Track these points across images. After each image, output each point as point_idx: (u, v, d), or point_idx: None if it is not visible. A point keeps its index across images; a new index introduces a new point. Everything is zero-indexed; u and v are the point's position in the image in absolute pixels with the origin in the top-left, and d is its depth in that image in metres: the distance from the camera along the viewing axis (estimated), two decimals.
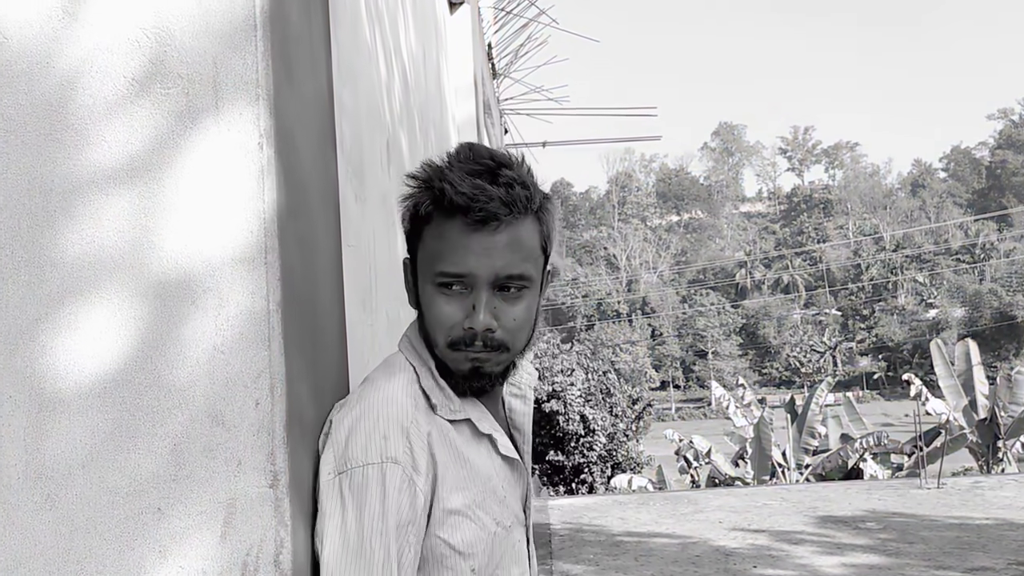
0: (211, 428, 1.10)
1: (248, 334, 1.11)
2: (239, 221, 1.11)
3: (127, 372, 1.10)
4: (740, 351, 68.70)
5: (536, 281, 1.25)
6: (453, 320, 1.20)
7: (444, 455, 1.22)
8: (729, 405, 18.98)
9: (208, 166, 1.11)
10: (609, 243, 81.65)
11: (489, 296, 1.20)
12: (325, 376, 1.32)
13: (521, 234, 1.20)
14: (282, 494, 1.10)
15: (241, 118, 1.12)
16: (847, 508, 8.60)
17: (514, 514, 1.32)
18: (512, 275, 1.20)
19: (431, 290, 1.22)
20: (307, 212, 1.27)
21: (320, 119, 1.38)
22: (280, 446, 1.10)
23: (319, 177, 1.36)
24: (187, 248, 1.11)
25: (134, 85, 1.12)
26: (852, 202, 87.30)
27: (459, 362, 1.22)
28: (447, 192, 1.17)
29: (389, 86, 2.90)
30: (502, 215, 1.17)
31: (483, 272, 1.18)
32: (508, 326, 1.21)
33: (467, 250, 1.18)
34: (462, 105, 5.75)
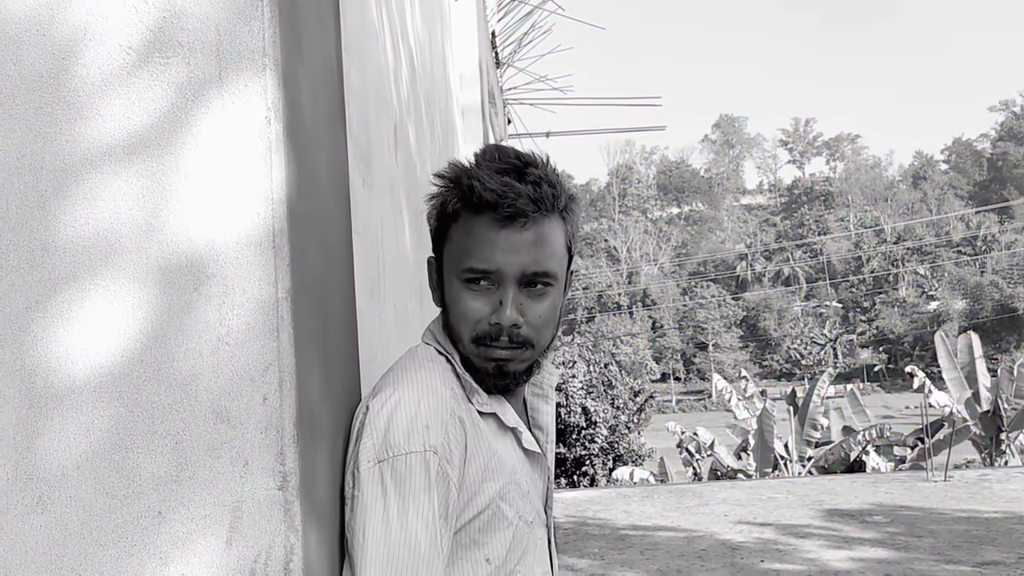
0: (215, 425, 1.02)
1: (255, 324, 1.02)
2: (245, 202, 1.03)
3: (125, 365, 1.02)
4: (741, 343, 68.66)
5: (561, 279, 1.26)
6: (479, 315, 1.21)
7: (473, 445, 1.20)
8: (731, 397, 18.91)
9: (211, 142, 1.03)
10: (610, 235, 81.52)
11: (516, 292, 1.21)
12: (337, 370, 1.24)
13: (548, 232, 1.22)
14: (292, 496, 1.02)
15: (247, 90, 1.03)
16: (853, 501, 8.53)
17: (536, 510, 1.30)
18: (539, 272, 1.21)
19: (458, 286, 1.22)
20: (317, 193, 1.19)
21: (330, 93, 1.30)
22: (290, 445, 1.02)
23: (329, 156, 1.27)
24: (189, 231, 1.02)
25: (131, 54, 1.03)
26: (853, 194, 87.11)
27: (483, 359, 1.23)
28: (476, 189, 1.18)
29: (396, 70, 2.82)
30: (530, 212, 1.19)
31: (510, 269, 1.20)
32: (534, 323, 1.22)
33: (495, 247, 1.19)
34: (467, 93, 5.66)
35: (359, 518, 1.13)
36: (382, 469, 1.13)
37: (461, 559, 1.20)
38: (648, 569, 6.42)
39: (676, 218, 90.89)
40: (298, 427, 1.03)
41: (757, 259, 76.93)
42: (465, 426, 1.19)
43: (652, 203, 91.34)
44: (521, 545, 1.25)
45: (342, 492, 1.18)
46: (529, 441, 1.30)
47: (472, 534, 1.21)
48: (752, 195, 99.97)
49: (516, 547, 1.24)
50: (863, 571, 6.12)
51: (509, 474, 1.24)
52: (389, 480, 1.13)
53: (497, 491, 1.22)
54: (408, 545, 1.11)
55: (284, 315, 1.03)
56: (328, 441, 1.15)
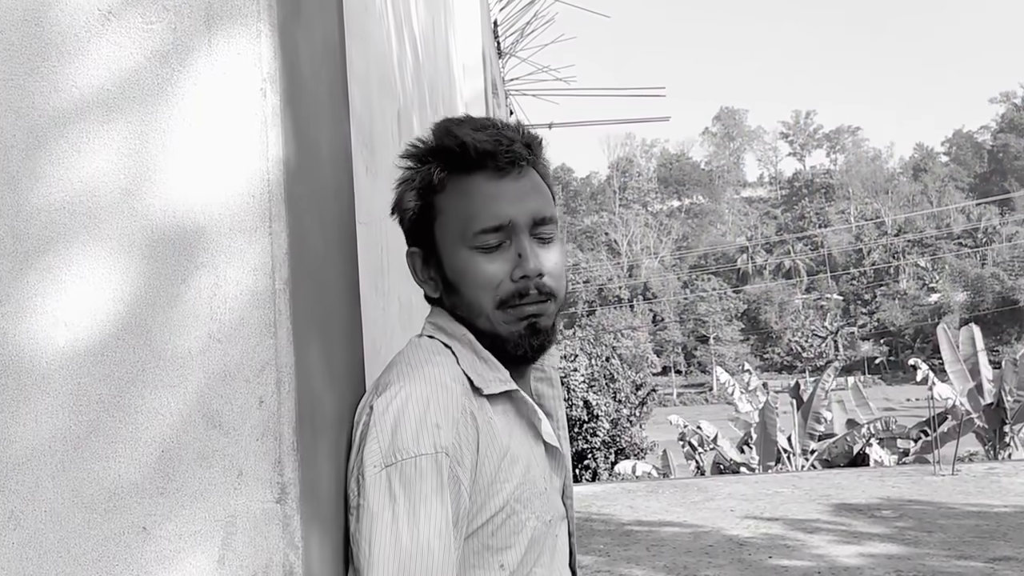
0: (206, 431, 0.92)
1: (250, 319, 0.92)
2: (238, 183, 0.93)
3: (105, 365, 0.92)
4: (742, 336, 68.59)
5: (558, 228, 1.23)
6: (499, 277, 1.14)
7: (485, 444, 1.11)
8: (734, 391, 18.81)
9: (200, 117, 0.93)
10: (610, 228, 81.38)
11: (530, 243, 1.16)
12: (341, 369, 1.14)
13: (539, 178, 1.20)
14: (291, 510, 0.92)
15: (240, 59, 0.93)
16: (861, 496, 8.44)
17: (555, 507, 1.21)
18: (546, 217, 1.17)
19: (466, 256, 1.15)
20: (318, 175, 1.09)
21: (332, 67, 1.19)
22: (289, 452, 0.92)
23: (332, 136, 1.17)
24: (176, 216, 0.92)
25: (110, 19, 0.93)
26: (854, 187, 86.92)
27: (514, 322, 1.15)
28: (469, 144, 1.14)
29: (400, 55, 2.71)
30: (526, 156, 1.16)
31: (521, 217, 1.15)
32: (553, 272, 1.17)
33: (501, 199, 1.14)
34: (470, 83, 5.55)
35: (365, 529, 1.03)
36: (390, 474, 1.04)
37: (473, 566, 1.11)
38: (655, 566, 6.34)
39: (677, 211, 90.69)
40: (298, 433, 0.93)
41: (758, 252, 76.79)
42: (478, 423, 1.10)
43: (652, 196, 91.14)
44: (538, 546, 1.16)
45: (347, 502, 1.09)
46: (548, 433, 1.22)
47: (485, 539, 1.11)
48: (753, 188, 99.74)
49: (533, 549, 1.15)
50: (873, 567, 6.03)
51: (523, 472, 1.15)
52: (398, 486, 1.03)
53: (511, 492, 1.12)
54: (420, 556, 1.02)
55: (282, 308, 0.93)
56: (332, 447, 1.05)
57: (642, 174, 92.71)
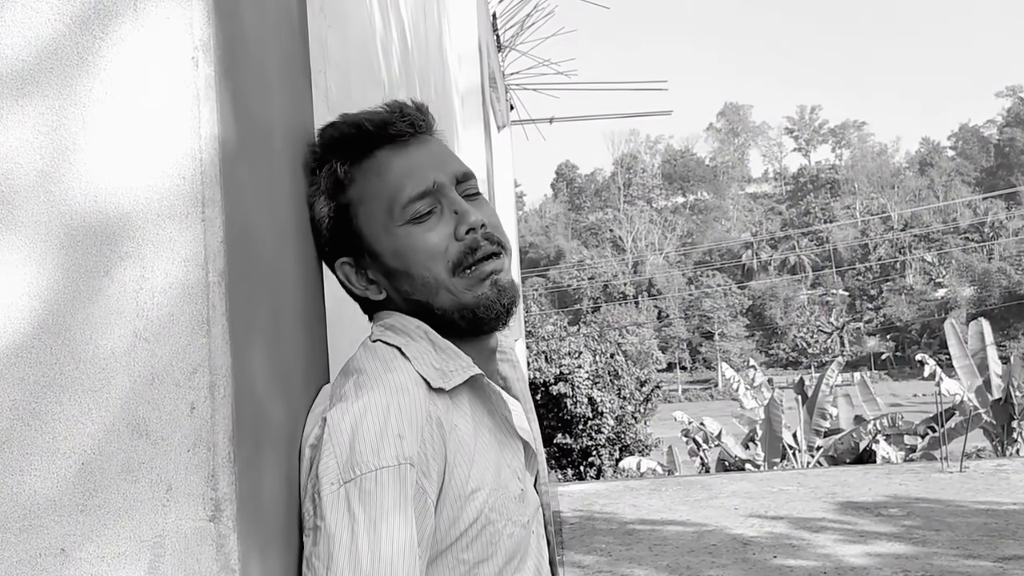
0: (131, 441, 0.82)
1: (180, 315, 0.83)
2: (167, 163, 0.83)
3: (19, 368, 0.82)
4: (747, 332, 68.42)
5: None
6: (444, 241, 1.07)
7: (454, 451, 1.02)
8: (739, 387, 18.69)
9: (125, 89, 0.83)
10: (615, 225, 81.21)
11: (461, 198, 1.10)
12: (294, 370, 1.04)
13: (446, 145, 1.16)
14: (227, 529, 0.82)
15: (168, 24, 0.83)
16: (867, 493, 8.33)
17: (531, 504, 1.12)
18: (466, 172, 1.13)
19: (403, 233, 1.07)
20: (269, 157, 0.99)
21: (288, 39, 1.09)
22: (224, 465, 0.82)
23: (287, 115, 1.07)
24: (98, 200, 0.82)
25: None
26: (859, 182, 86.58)
27: (476, 285, 1.08)
28: (362, 122, 1.09)
29: (386, 42, 2.61)
30: (423, 120, 1.13)
31: (444, 176, 1.09)
32: (492, 222, 1.12)
33: (417, 165, 1.09)
34: (466, 75, 5.44)
35: (322, 551, 0.93)
36: (348, 491, 0.94)
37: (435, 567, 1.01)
38: (657, 565, 6.24)
39: (681, 207, 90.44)
40: (236, 443, 0.83)
41: (763, 248, 76.55)
42: (444, 430, 1.00)
43: (657, 192, 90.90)
44: (519, 552, 1.07)
45: (301, 523, 0.99)
46: (523, 428, 1.14)
47: (458, 554, 1.01)
48: (757, 183, 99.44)
49: (513, 557, 1.06)
50: (880, 567, 5.92)
51: (495, 477, 1.05)
52: (357, 503, 0.93)
53: (484, 501, 1.03)
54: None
55: (216, 303, 0.83)
56: (281, 459, 0.95)
57: (646, 170, 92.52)
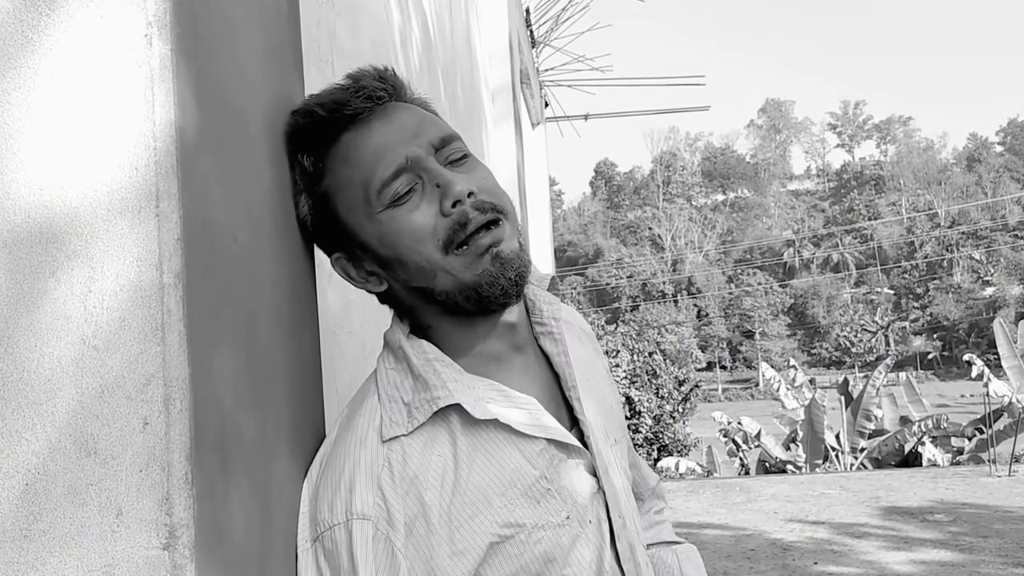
0: (79, 460, 0.74)
1: (132, 321, 0.75)
2: (118, 153, 0.75)
3: None
4: (788, 331, 67.52)
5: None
6: (431, 219, 0.96)
7: (437, 485, 0.92)
8: (779, 387, 18.38)
9: (72, 72, 0.75)
10: (654, 223, 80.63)
11: (443, 167, 0.98)
12: (276, 380, 0.96)
13: (419, 112, 1.03)
14: (183, 558, 0.74)
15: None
16: (912, 498, 8.10)
17: (576, 499, 0.99)
18: (445, 136, 1.00)
19: (386, 218, 0.97)
20: (240, 144, 0.90)
21: (268, 17, 1.01)
22: (180, 487, 0.74)
23: (266, 101, 0.99)
24: (42, 193, 0.75)
25: None
26: (905, 178, 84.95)
27: (474, 262, 0.96)
28: (314, 108, 0.99)
29: (404, 32, 2.53)
30: (383, 88, 1.01)
31: (418, 147, 0.97)
32: (485, 187, 0.99)
33: (385, 143, 0.97)
34: (496, 72, 5.35)
35: None
36: (316, 550, 0.92)
37: None
38: None
39: (721, 205, 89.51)
40: (194, 462, 0.75)
41: (805, 245, 75.42)
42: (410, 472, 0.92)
43: (697, 190, 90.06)
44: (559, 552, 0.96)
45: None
46: (541, 420, 0.99)
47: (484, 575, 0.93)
48: (800, 180, 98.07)
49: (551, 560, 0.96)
50: (924, 575, 5.73)
51: (499, 496, 0.94)
52: (323, 562, 0.92)
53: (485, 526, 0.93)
54: None
55: (172, 308, 0.75)
56: (254, 480, 0.87)
57: (686, 168, 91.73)
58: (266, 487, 0.91)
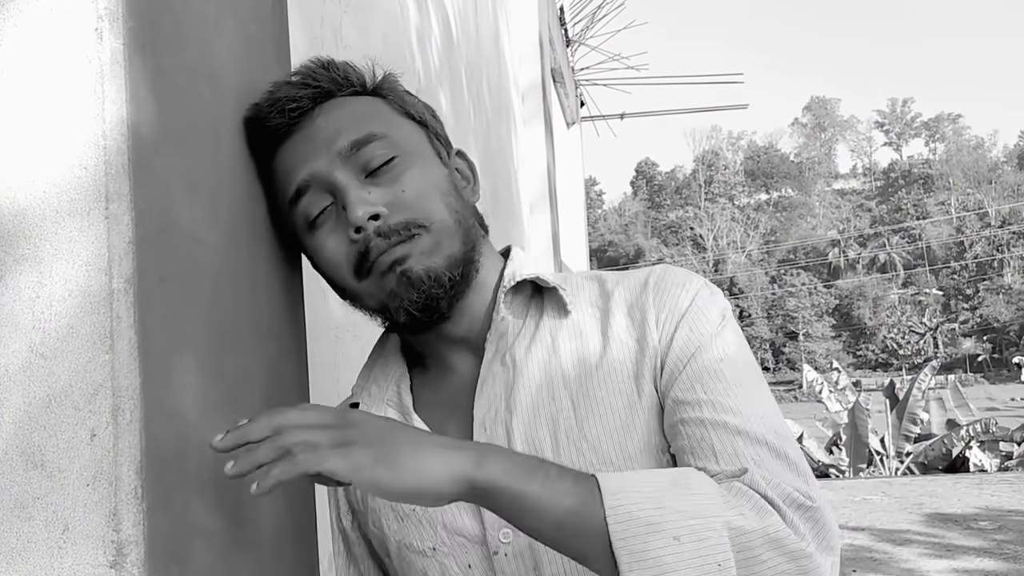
0: (25, 473, 0.71)
1: (80, 328, 0.71)
2: (67, 152, 0.72)
3: None
4: (833, 332, 66.53)
5: (411, 146, 0.93)
6: (342, 245, 0.90)
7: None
8: (822, 389, 18.09)
9: (20, 67, 0.72)
10: (696, 223, 79.96)
11: (355, 184, 0.88)
12: (249, 389, 0.92)
13: (352, 105, 0.93)
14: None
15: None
16: (957, 504, 7.89)
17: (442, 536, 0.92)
18: (358, 140, 0.89)
19: (310, 242, 0.92)
20: (207, 144, 0.87)
21: (245, 10, 0.97)
22: (129, 502, 0.71)
23: (240, 95, 0.95)
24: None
25: None
26: (954, 177, 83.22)
27: (382, 287, 0.89)
28: (245, 123, 0.93)
29: (422, 30, 2.49)
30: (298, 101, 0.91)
31: (320, 161, 0.89)
32: (402, 200, 0.89)
33: (291, 162, 0.91)
34: (526, 71, 5.31)
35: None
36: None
37: None
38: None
39: (764, 204, 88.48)
40: (144, 476, 0.72)
41: (851, 245, 74.25)
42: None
43: (739, 189, 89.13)
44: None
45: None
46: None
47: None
48: (845, 179, 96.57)
49: None
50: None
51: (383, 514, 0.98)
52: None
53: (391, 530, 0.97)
54: None
55: (121, 314, 0.71)
56: (221, 495, 0.83)
57: (728, 167, 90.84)
58: (236, 500, 0.87)
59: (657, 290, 0.92)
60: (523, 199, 4.83)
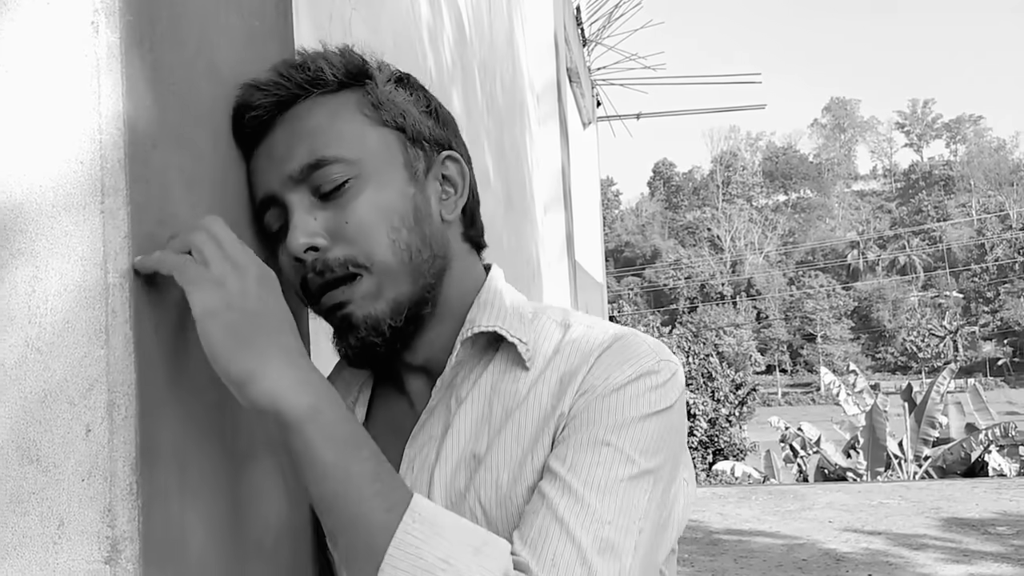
0: (21, 467, 0.71)
1: (76, 323, 0.71)
2: (63, 146, 0.72)
3: None
4: (852, 335, 66.07)
5: (370, 164, 0.87)
6: (291, 268, 0.89)
7: None
8: (839, 392, 17.96)
9: (17, 61, 0.72)
10: (713, 224, 79.63)
11: (304, 207, 0.86)
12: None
13: (310, 115, 0.88)
14: (127, 573, 0.70)
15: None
16: (974, 509, 7.81)
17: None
18: (308, 164, 0.85)
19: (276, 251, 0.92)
20: (207, 139, 0.87)
21: (248, 5, 0.97)
22: (124, 498, 0.70)
23: (234, 93, 0.95)
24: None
25: None
26: (975, 178, 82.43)
27: (328, 322, 0.90)
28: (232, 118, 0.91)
29: (435, 28, 2.49)
30: (262, 99, 0.88)
31: (275, 182, 0.87)
32: (344, 233, 0.85)
33: (257, 170, 0.90)
34: (541, 71, 5.29)
35: None
36: None
37: None
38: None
39: (783, 205, 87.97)
40: (141, 471, 0.71)
41: (870, 247, 73.70)
42: None
43: (757, 190, 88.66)
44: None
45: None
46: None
47: None
48: (865, 180, 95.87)
49: None
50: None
51: None
52: None
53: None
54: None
55: (117, 309, 0.71)
56: (219, 490, 0.83)
57: (747, 168, 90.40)
58: (235, 496, 0.87)
59: (601, 362, 0.87)
60: (537, 199, 4.82)
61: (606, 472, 0.81)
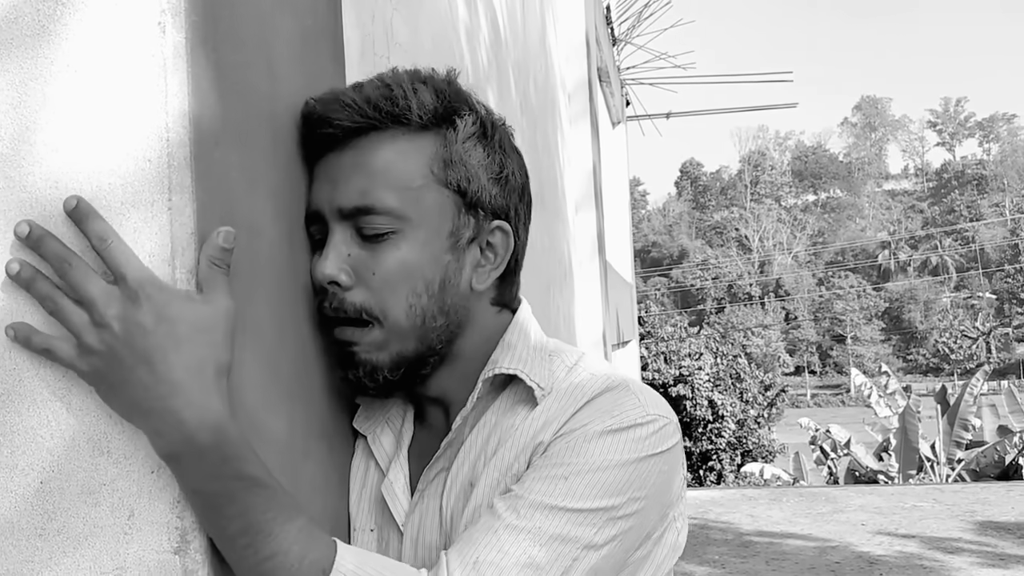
0: (92, 459, 0.73)
1: None
2: (132, 144, 0.73)
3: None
4: (882, 336, 65.32)
5: (418, 222, 0.88)
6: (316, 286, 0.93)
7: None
8: (871, 393, 17.77)
9: (87, 62, 0.74)
10: (741, 224, 79.08)
11: (343, 239, 0.89)
12: (308, 377, 0.93)
13: (379, 153, 0.88)
14: (194, 563, 0.72)
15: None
16: (1010, 513, 7.69)
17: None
18: (361, 208, 0.87)
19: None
20: (266, 136, 0.88)
21: (302, 6, 0.98)
22: None
23: (297, 89, 0.96)
24: (59, 186, 0.73)
25: None
26: (1009, 177, 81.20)
27: (335, 348, 0.92)
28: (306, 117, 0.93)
29: (471, 29, 2.50)
30: (342, 120, 0.88)
31: (324, 204, 0.90)
32: (369, 282, 0.88)
33: (316, 183, 0.92)
34: (573, 70, 5.29)
35: None
36: None
37: None
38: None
39: (812, 205, 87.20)
40: None
41: (901, 247, 72.84)
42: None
43: (786, 190, 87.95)
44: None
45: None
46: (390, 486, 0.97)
47: None
48: (896, 180, 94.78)
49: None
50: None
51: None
52: None
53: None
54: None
55: None
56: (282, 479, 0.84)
57: (775, 167, 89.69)
58: (295, 489, 0.88)
59: (587, 408, 0.87)
60: (568, 198, 4.82)
61: (557, 500, 0.82)
